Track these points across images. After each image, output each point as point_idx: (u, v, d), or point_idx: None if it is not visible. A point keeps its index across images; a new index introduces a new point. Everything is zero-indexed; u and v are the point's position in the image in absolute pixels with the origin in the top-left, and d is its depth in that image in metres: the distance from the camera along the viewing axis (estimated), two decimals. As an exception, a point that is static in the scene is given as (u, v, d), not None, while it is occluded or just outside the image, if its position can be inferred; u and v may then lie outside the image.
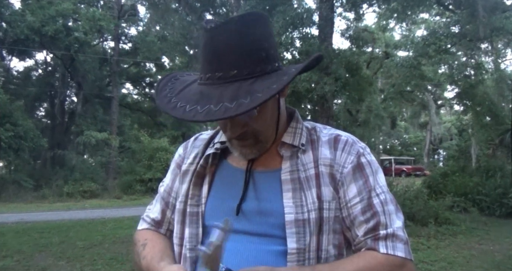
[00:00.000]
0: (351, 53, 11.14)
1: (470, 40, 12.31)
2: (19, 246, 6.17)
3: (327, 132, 0.90)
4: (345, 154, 0.85)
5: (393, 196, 0.86)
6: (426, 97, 24.33)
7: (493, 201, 9.05)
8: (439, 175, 11.62)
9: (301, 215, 0.79)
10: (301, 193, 0.81)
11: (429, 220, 7.30)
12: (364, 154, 0.86)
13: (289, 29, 8.78)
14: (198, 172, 0.91)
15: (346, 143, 0.87)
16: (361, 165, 0.84)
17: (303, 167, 0.84)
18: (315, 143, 0.88)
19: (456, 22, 12.11)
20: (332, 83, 8.08)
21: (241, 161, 0.88)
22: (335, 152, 0.85)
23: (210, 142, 0.96)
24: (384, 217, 0.81)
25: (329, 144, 0.87)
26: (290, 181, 0.82)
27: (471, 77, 14.68)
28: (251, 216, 0.82)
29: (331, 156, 0.85)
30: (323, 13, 8.80)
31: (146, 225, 1.02)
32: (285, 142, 0.87)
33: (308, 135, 0.89)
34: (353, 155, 0.85)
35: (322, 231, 0.80)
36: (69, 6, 17.26)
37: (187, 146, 1.01)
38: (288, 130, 0.88)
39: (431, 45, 11.86)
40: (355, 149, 0.86)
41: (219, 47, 0.74)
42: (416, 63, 12.76)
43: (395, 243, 0.79)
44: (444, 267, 5.07)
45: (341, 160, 0.84)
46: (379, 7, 12.79)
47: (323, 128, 0.92)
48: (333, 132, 0.90)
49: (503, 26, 10.92)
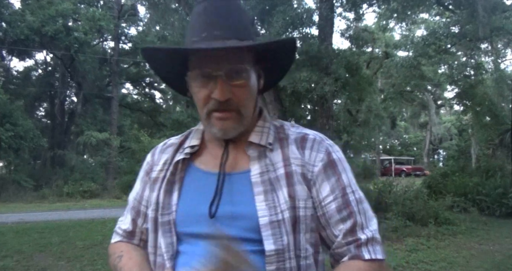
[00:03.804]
0: (351, 53, 11.14)
1: (470, 40, 12.31)
2: (19, 246, 6.17)
3: (294, 130, 0.90)
4: (314, 153, 0.85)
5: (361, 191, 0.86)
6: (426, 97, 24.36)
7: (493, 201, 9.05)
8: (439, 175, 11.63)
9: (275, 216, 0.78)
10: (273, 194, 0.80)
11: (429, 220, 7.30)
12: (333, 151, 0.86)
13: (289, 29, 8.77)
14: (168, 180, 0.89)
15: (314, 141, 0.86)
16: (332, 162, 0.84)
17: (273, 167, 0.83)
18: (283, 141, 0.87)
19: (456, 22, 12.12)
20: (332, 83, 8.07)
21: (210, 164, 0.88)
22: (304, 151, 0.85)
23: (179, 148, 0.95)
24: (360, 217, 0.82)
25: (296, 143, 0.86)
26: (261, 183, 0.81)
27: (471, 77, 14.70)
28: (224, 220, 0.81)
29: (300, 156, 0.84)
30: (323, 13, 8.80)
31: (119, 238, 1.00)
32: (253, 142, 0.86)
33: (275, 134, 0.89)
34: (322, 152, 0.85)
35: (299, 229, 0.80)
36: (69, 6, 17.26)
37: (155, 153, 0.99)
38: (255, 130, 0.88)
39: (431, 45, 11.87)
40: (324, 147, 0.86)
41: (219, 8, 0.82)
42: (416, 63, 12.77)
43: (375, 246, 0.82)
44: (444, 267, 5.07)
45: (311, 159, 0.84)
46: (379, 7, 12.77)
47: (291, 126, 0.92)
48: (300, 131, 0.90)
49: (503, 26, 10.92)
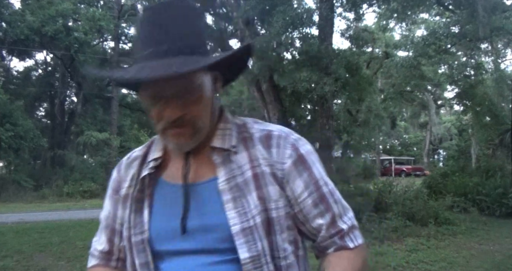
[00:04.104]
0: (351, 53, 11.14)
1: (470, 40, 12.31)
2: (19, 246, 6.17)
3: (258, 127, 0.86)
4: (281, 150, 0.82)
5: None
6: (426, 97, 24.36)
7: (493, 201, 9.05)
8: (439, 175, 11.63)
9: (247, 223, 0.76)
10: (242, 200, 0.78)
11: (429, 220, 7.30)
12: (300, 146, 0.84)
13: (289, 29, 8.76)
14: (137, 198, 0.85)
15: (279, 138, 0.83)
16: (301, 157, 0.82)
17: (239, 170, 0.80)
18: (248, 141, 0.83)
19: (456, 22, 12.11)
20: (332, 83, 8.07)
21: (176, 176, 0.84)
22: (270, 149, 0.82)
23: (144, 161, 0.90)
24: (337, 208, 0.83)
25: (261, 142, 0.83)
26: (229, 190, 0.78)
27: (471, 77, 14.69)
28: (196, 234, 0.79)
29: (267, 155, 0.81)
30: (323, 13, 8.80)
31: (95, 261, 0.95)
32: (215, 146, 0.82)
33: (238, 134, 0.85)
34: (289, 148, 0.82)
35: (274, 231, 0.78)
36: (69, 6, 17.26)
37: (121, 169, 0.94)
38: (217, 133, 0.84)
39: (431, 45, 11.86)
40: (290, 142, 0.83)
41: (165, 20, 0.74)
42: (416, 63, 12.76)
43: (355, 233, 0.85)
44: (444, 267, 5.07)
45: (279, 157, 0.81)
46: (379, 7, 12.77)
47: (254, 123, 0.88)
48: (264, 128, 0.86)
49: (503, 26, 10.92)
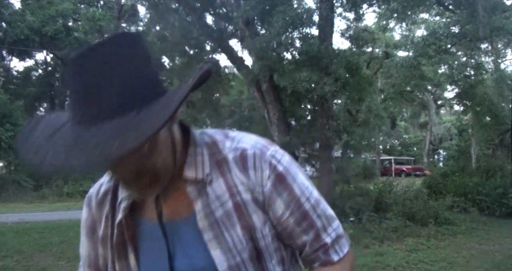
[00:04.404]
0: (351, 53, 11.13)
1: (470, 40, 12.30)
2: (19, 246, 6.17)
3: (230, 146, 0.78)
4: (259, 172, 0.75)
5: (315, 188, 0.82)
6: (426, 97, 24.36)
7: (493, 201, 9.06)
8: (439, 175, 11.65)
9: (233, 259, 0.73)
10: (225, 235, 0.74)
11: (429, 220, 7.31)
12: (277, 163, 0.77)
13: (289, 29, 8.75)
14: (117, 243, 0.79)
15: (254, 158, 0.76)
16: (280, 176, 0.76)
17: (218, 202, 0.74)
18: (223, 165, 0.76)
19: (456, 22, 12.10)
20: (332, 83, 8.06)
21: (153, 213, 0.78)
22: (248, 172, 0.75)
23: (115, 196, 0.82)
24: (320, 221, 0.79)
25: (237, 165, 0.76)
26: (209, 227, 0.74)
27: (471, 77, 14.68)
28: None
29: (246, 180, 0.75)
30: (323, 13, 8.79)
31: None
32: (188, 178, 0.75)
33: (211, 157, 0.77)
34: (267, 169, 0.76)
35: (264, 259, 0.76)
36: (69, 6, 17.28)
37: (92, 207, 0.86)
38: (187, 161, 0.76)
39: (431, 45, 11.85)
40: (267, 161, 0.76)
41: (90, 77, 0.62)
42: (416, 63, 12.75)
43: (340, 242, 0.81)
44: (444, 267, 5.07)
45: (258, 180, 0.75)
46: (379, 7, 12.76)
47: (225, 139, 0.80)
48: (237, 146, 0.78)
49: (503, 26, 10.91)
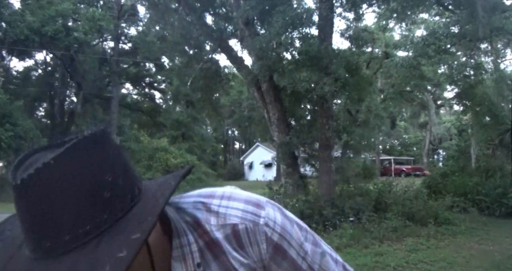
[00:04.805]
0: (351, 53, 11.13)
1: (470, 40, 12.31)
2: (19, 246, 6.17)
3: (216, 223, 0.68)
4: (256, 247, 0.69)
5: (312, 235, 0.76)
6: (426, 97, 24.38)
7: (492, 201, 9.06)
8: (438, 175, 11.65)
9: None
10: None
11: (429, 220, 7.31)
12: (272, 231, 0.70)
13: (288, 29, 8.77)
14: None
15: (248, 233, 0.68)
16: (276, 247, 0.70)
17: None
18: (215, 248, 0.67)
19: (455, 22, 12.12)
20: (332, 83, 8.07)
21: None
22: (245, 250, 0.69)
23: None
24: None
25: (231, 244, 0.68)
26: None
27: (471, 77, 14.69)
28: None
29: (244, 259, 0.68)
30: (323, 13, 8.80)
31: None
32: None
33: (198, 242, 0.67)
34: (264, 242, 0.69)
35: None
36: (69, 6, 17.28)
37: None
38: (173, 255, 0.66)
39: (431, 45, 11.86)
40: (262, 235, 0.69)
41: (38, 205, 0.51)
42: (415, 63, 12.77)
43: None
44: (444, 267, 5.07)
45: (256, 255, 0.69)
46: (378, 7, 12.78)
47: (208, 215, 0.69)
48: (224, 223, 0.68)
49: (503, 26, 10.93)
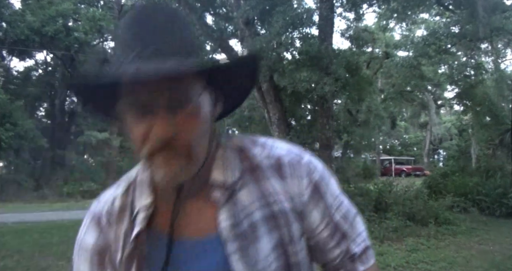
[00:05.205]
0: (351, 53, 11.14)
1: (470, 40, 12.31)
2: (19, 246, 6.18)
3: (261, 153, 0.71)
4: (296, 180, 0.69)
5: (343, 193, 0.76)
6: (426, 97, 24.37)
7: (493, 201, 9.06)
8: (439, 175, 11.65)
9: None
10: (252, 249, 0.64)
11: (429, 220, 7.31)
12: (312, 169, 0.71)
13: (289, 29, 8.76)
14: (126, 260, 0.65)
15: (291, 165, 0.70)
16: (316, 186, 0.70)
17: (247, 211, 0.65)
18: (255, 173, 0.69)
19: (456, 22, 12.11)
20: (332, 83, 8.07)
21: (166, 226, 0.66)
22: (286, 181, 0.69)
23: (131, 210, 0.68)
24: (351, 230, 0.74)
25: (273, 173, 0.69)
26: (234, 238, 0.64)
27: (471, 77, 14.71)
28: None
29: (285, 189, 0.68)
30: (323, 13, 8.80)
31: None
32: (216, 182, 0.66)
33: (240, 163, 0.69)
34: (305, 177, 0.70)
35: None
36: (69, 6, 17.29)
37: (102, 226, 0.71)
38: (216, 163, 0.68)
39: (431, 45, 11.86)
40: (304, 169, 0.70)
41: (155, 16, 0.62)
42: (416, 63, 12.77)
43: (368, 253, 0.77)
44: (444, 267, 5.07)
45: (296, 188, 0.69)
46: (379, 7, 12.78)
47: (253, 145, 0.72)
48: (269, 154, 0.71)
49: (503, 26, 10.92)
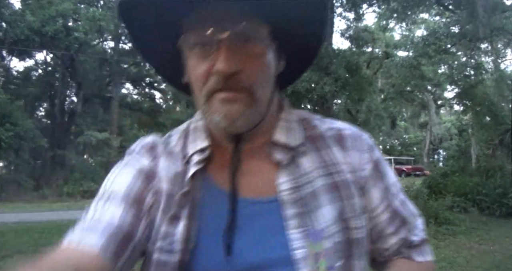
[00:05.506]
0: (351, 53, 11.16)
1: (470, 40, 12.32)
2: (19, 246, 6.17)
3: (322, 125, 0.70)
4: (357, 153, 0.66)
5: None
6: (426, 97, 24.38)
7: (493, 201, 9.05)
8: (439, 175, 11.63)
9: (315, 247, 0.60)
10: (311, 217, 0.60)
11: (429, 220, 7.30)
12: (373, 147, 0.69)
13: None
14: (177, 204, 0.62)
15: (353, 139, 0.68)
16: (377, 163, 0.67)
17: (308, 177, 0.62)
18: (318, 141, 0.66)
19: (456, 22, 12.13)
20: (332, 83, 8.09)
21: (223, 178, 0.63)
22: (348, 152, 0.66)
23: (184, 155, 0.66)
24: (409, 219, 0.71)
25: (335, 143, 0.67)
26: (293, 202, 0.60)
27: (471, 77, 14.71)
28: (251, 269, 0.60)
29: (347, 159, 0.66)
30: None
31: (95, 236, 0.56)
32: (279, 142, 0.63)
33: (304, 130, 0.67)
34: (366, 151, 0.67)
35: (353, 255, 0.62)
36: (69, 6, 17.29)
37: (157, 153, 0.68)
38: (279, 125, 0.66)
39: (431, 45, 11.88)
40: (365, 144, 0.68)
41: None
42: (416, 63, 12.79)
43: (425, 248, 0.73)
44: (444, 267, 5.07)
45: (357, 161, 0.66)
46: (379, 7, 12.81)
47: (314, 118, 0.71)
48: (330, 126, 0.70)
49: (503, 26, 10.94)
